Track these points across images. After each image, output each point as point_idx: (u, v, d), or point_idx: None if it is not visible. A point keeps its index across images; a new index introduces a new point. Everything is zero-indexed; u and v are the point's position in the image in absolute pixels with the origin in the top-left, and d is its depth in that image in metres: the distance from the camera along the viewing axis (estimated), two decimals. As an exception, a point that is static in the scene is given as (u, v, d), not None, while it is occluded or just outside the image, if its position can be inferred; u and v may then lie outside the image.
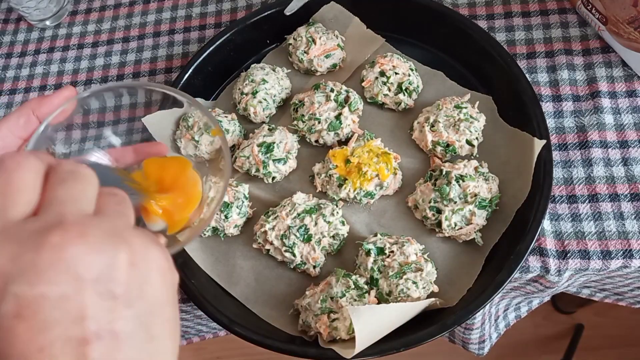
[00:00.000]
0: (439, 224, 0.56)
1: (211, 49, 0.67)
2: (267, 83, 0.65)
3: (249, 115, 0.65)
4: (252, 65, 0.67)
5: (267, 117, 0.66)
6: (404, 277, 0.53)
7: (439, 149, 0.60)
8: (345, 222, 0.59)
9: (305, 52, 0.67)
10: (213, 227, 0.59)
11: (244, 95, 0.64)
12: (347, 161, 0.59)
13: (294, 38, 0.68)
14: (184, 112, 0.66)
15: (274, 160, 0.61)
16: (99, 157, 0.45)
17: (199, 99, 0.67)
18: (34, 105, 0.40)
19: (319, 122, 0.62)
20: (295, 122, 0.63)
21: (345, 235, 0.59)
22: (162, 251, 0.27)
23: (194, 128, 0.62)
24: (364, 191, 0.59)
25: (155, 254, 0.26)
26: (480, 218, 0.56)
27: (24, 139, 0.39)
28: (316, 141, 0.63)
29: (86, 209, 0.26)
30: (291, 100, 0.65)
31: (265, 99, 0.64)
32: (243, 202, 0.60)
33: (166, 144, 0.64)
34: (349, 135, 0.63)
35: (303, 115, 0.62)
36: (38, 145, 0.38)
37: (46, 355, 0.22)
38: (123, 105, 0.65)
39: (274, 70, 0.67)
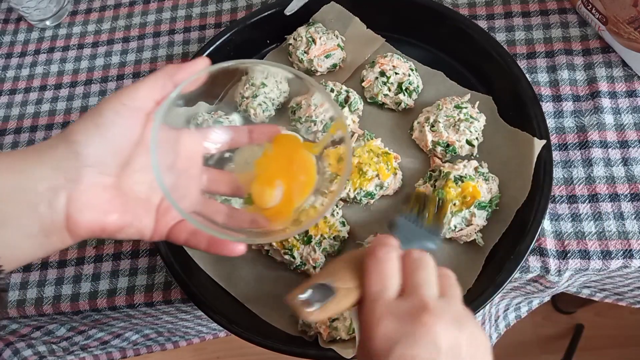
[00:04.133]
0: (439, 224, 0.56)
1: (211, 49, 0.67)
2: (267, 87, 0.65)
3: (250, 116, 0.65)
4: (252, 66, 0.67)
5: (266, 118, 0.66)
6: (404, 277, 0.53)
7: (439, 149, 0.60)
8: (345, 223, 0.59)
9: (305, 52, 0.66)
10: (213, 227, 0.59)
11: (245, 99, 0.65)
12: (340, 159, 0.59)
13: (294, 38, 0.68)
14: (195, 112, 0.65)
15: (274, 161, 0.61)
16: (219, 133, 0.49)
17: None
18: (171, 71, 0.42)
19: (315, 124, 0.62)
20: (293, 124, 0.63)
21: (346, 236, 0.59)
22: (484, 333, 0.36)
23: (202, 126, 0.62)
24: (364, 191, 0.59)
25: (482, 336, 0.36)
26: (480, 219, 0.56)
27: (158, 102, 0.41)
28: (313, 141, 0.63)
29: (436, 293, 0.37)
30: (289, 103, 0.65)
31: (265, 102, 0.65)
32: (243, 202, 0.60)
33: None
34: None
35: (300, 118, 0.62)
36: (169, 109, 0.40)
37: None
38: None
39: (274, 71, 0.66)
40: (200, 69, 0.42)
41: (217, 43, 0.67)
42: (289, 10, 0.67)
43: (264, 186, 0.46)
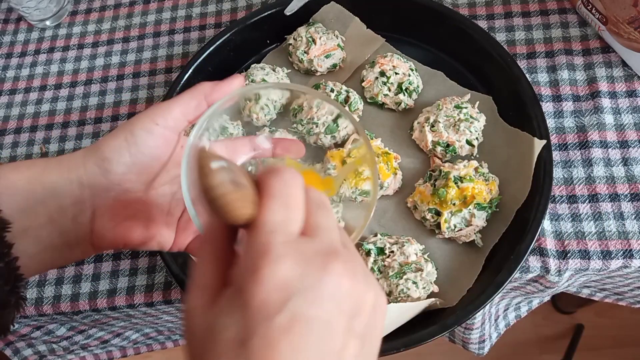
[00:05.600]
0: (439, 225, 0.56)
1: (211, 49, 0.67)
2: None
3: (252, 120, 0.65)
4: (252, 66, 0.67)
5: (268, 121, 0.66)
6: (404, 277, 0.53)
7: (439, 149, 0.60)
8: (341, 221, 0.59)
9: (305, 52, 0.66)
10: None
11: (247, 102, 0.65)
12: (344, 162, 0.59)
13: (294, 38, 0.68)
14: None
15: (274, 161, 0.61)
16: (245, 146, 0.48)
17: None
18: (207, 90, 0.42)
19: (317, 126, 0.62)
20: (294, 126, 0.63)
21: (345, 235, 0.59)
22: (385, 297, 0.29)
23: (209, 130, 0.62)
24: (361, 190, 0.58)
25: (384, 301, 0.29)
26: (479, 219, 0.56)
27: (190, 121, 0.41)
28: (314, 143, 0.63)
29: (339, 240, 0.29)
30: (291, 106, 0.65)
31: (267, 105, 0.64)
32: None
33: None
34: (347, 137, 0.63)
35: (302, 120, 0.62)
36: (203, 129, 0.39)
37: None
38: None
39: (274, 71, 0.67)
40: (235, 89, 0.42)
41: (217, 43, 0.67)
42: (289, 10, 0.67)
43: None
